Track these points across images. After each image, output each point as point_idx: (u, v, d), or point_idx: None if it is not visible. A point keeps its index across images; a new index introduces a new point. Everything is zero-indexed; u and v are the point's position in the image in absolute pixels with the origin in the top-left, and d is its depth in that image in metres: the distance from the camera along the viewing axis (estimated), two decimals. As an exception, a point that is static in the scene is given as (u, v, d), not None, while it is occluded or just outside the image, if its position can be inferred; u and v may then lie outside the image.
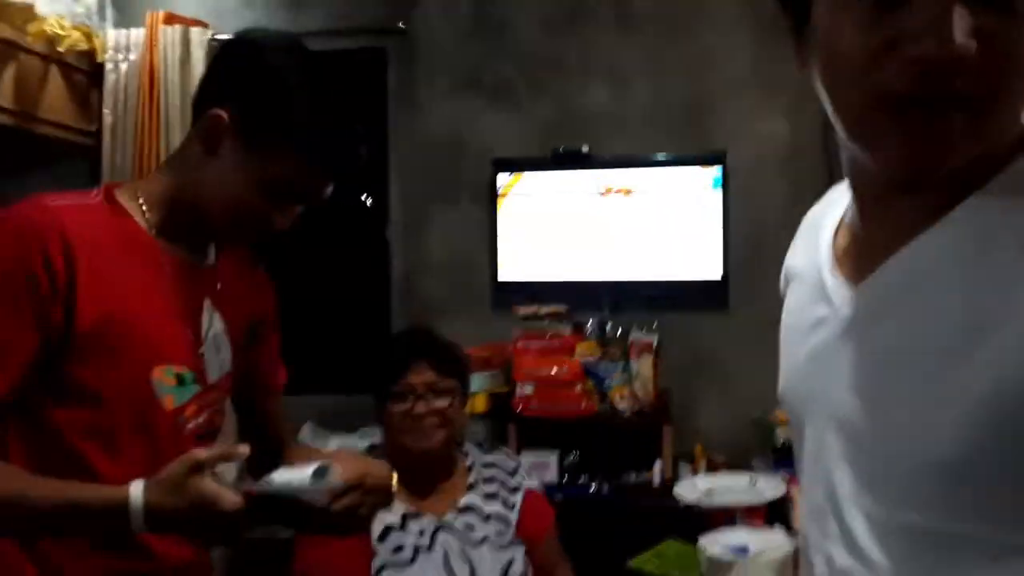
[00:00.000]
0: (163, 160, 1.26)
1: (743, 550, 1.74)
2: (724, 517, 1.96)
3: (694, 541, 1.83)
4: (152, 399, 1.07)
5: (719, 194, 2.74)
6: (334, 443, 2.64)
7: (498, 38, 2.99)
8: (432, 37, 3.02)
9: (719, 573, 1.73)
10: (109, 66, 2.97)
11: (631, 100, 2.90)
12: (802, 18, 0.63)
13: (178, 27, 2.97)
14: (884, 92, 0.56)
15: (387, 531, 1.60)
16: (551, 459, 2.52)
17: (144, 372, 1.07)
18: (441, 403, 1.66)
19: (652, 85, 2.91)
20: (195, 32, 2.98)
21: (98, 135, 3.00)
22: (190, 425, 1.12)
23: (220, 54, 1.20)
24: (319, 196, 1.13)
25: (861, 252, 0.67)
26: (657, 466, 2.53)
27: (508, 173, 2.86)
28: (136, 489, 0.96)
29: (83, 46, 2.84)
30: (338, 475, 1.08)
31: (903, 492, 0.60)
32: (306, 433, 2.74)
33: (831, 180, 0.77)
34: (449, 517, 1.64)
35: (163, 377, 1.08)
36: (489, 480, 1.72)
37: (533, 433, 2.54)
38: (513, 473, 1.76)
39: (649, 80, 2.91)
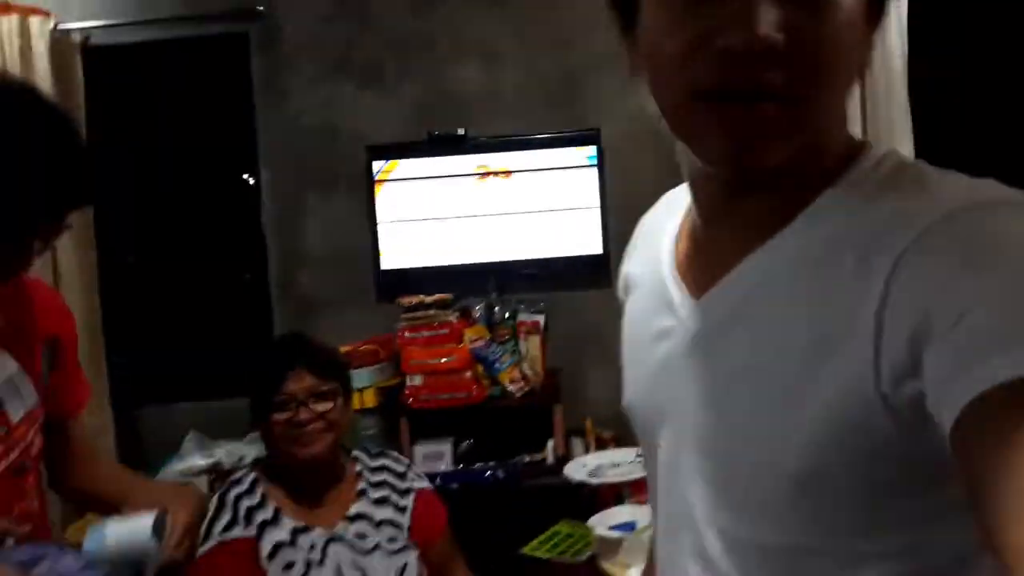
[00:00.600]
0: None
1: (631, 526, 1.78)
2: (613, 493, 2.00)
3: (587, 519, 1.87)
4: None
5: (595, 171, 2.76)
6: (221, 451, 2.55)
7: (364, 18, 2.90)
8: (295, 19, 2.90)
9: (610, 551, 1.77)
10: (-63, 57, 2.73)
11: (503, 79, 2.88)
12: (630, 20, 0.63)
13: (15, 16, 2.74)
14: (696, 87, 0.56)
15: (276, 549, 1.55)
16: (445, 448, 2.51)
17: None
18: (324, 407, 1.60)
19: (524, 63, 2.89)
20: (35, 21, 2.76)
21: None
22: (1, 466, 1.17)
23: None
24: (32, 240, 1.12)
25: (704, 259, 0.67)
26: (550, 445, 2.56)
27: (384, 160, 2.79)
28: None
29: (-96, 41, 2.59)
30: (174, 523, 1.18)
31: (755, 508, 0.61)
32: (191, 442, 2.64)
33: None
34: (339, 528, 1.60)
35: None
36: (378, 485, 1.69)
37: (425, 424, 2.52)
38: (403, 476, 1.73)
39: (520, 58, 2.89)
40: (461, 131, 2.79)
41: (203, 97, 3.06)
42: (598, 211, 2.75)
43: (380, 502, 1.67)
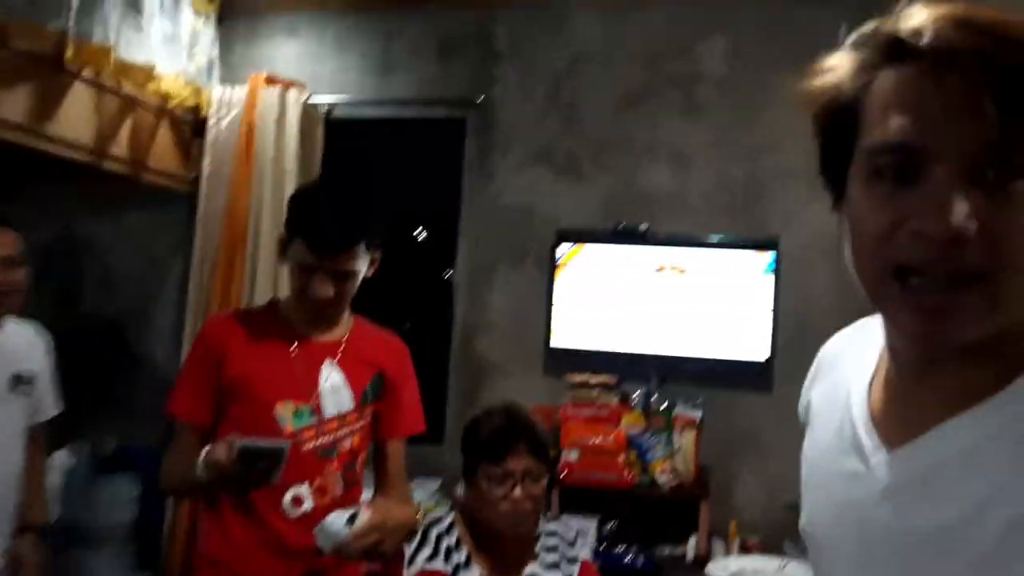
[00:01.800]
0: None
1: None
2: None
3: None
4: (275, 424, 1.64)
5: (771, 278, 2.83)
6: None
7: (569, 115, 3.16)
8: (508, 111, 3.21)
9: None
10: (212, 121, 3.25)
11: (691, 182, 3.03)
12: (840, 190, 0.68)
13: (277, 87, 3.22)
14: (893, 264, 0.60)
15: None
16: (591, 526, 2.61)
17: (268, 406, 1.65)
18: (536, 488, 1.72)
19: (712, 168, 3.03)
20: (292, 93, 3.23)
21: (196, 182, 3.27)
22: (308, 445, 1.65)
23: None
24: (330, 270, 1.63)
25: (900, 412, 0.67)
26: (692, 541, 2.60)
27: (570, 244, 3.01)
28: (199, 457, 1.54)
29: (191, 102, 3.13)
30: (364, 520, 1.50)
31: None
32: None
33: None
34: None
35: (283, 409, 1.66)
36: (551, 549, 1.81)
37: (575, 499, 2.64)
38: (572, 544, 1.84)
39: (709, 163, 3.04)
40: (644, 226, 2.96)
41: (422, 170, 3.42)
42: (769, 317, 2.81)
43: (551, 567, 1.79)
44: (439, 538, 1.76)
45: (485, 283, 3.20)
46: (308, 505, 1.61)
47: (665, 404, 2.79)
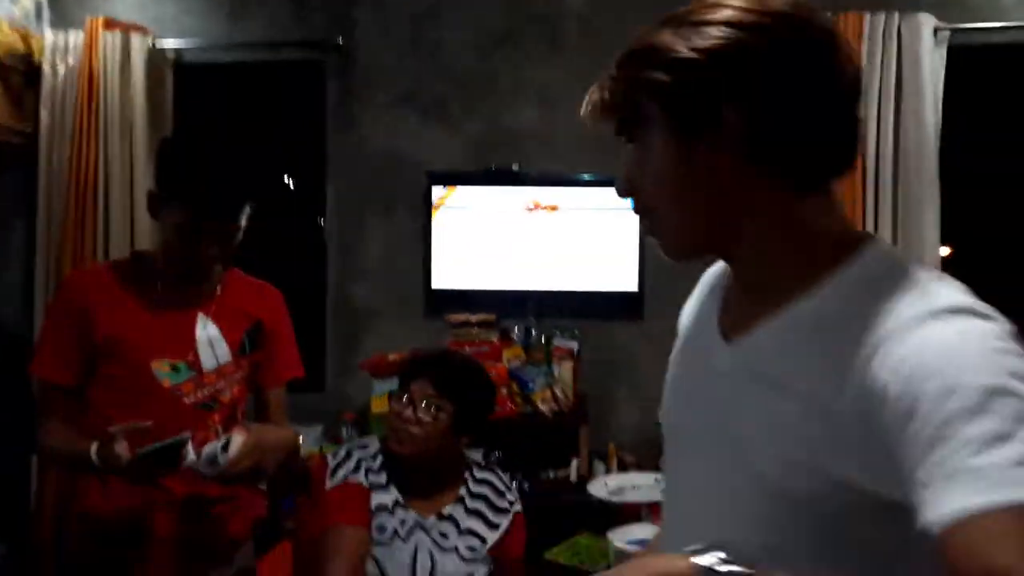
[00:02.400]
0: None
1: (646, 543, 1.95)
2: (632, 512, 2.16)
3: (604, 534, 2.04)
4: (154, 382, 1.61)
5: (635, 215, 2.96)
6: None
7: (433, 56, 3.14)
8: (370, 54, 3.15)
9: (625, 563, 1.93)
10: (46, 69, 3.01)
11: (559, 121, 3.09)
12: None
13: (118, 32, 3.01)
14: None
15: (379, 509, 1.76)
16: (476, 457, 2.68)
17: (144, 364, 1.61)
18: (426, 415, 1.78)
19: (578, 107, 3.09)
20: (135, 38, 3.03)
21: (33, 137, 3.03)
22: (188, 399, 1.63)
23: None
24: (216, 234, 1.57)
25: (735, 317, 0.86)
26: (574, 464, 2.74)
27: (442, 186, 3.02)
28: (92, 448, 1.48)
29: (20, 49, 2.87)
30: (238, 443, 1.51)
31: (744, 510, 0.78)
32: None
33: None
34: (429, 520, 1.80)
35: (160, 366, 1.62)
36: (477, 497, 1.87)
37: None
38: (502, 495, 1.90)
39: (576, 102, 3.09)
40: (515, 166, 3.01)
41: (283, 117, 3.31)
42: (636, 251, 2.94)
43: (472, 513, 1.84)
44: (361, 460, 1.81)
45: (357, 230, 3.17)
46: (191, 458, 1.54)
47: (543, 337, 2.89)
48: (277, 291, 1.83)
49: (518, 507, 1.91)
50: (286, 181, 3.44)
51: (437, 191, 3.03)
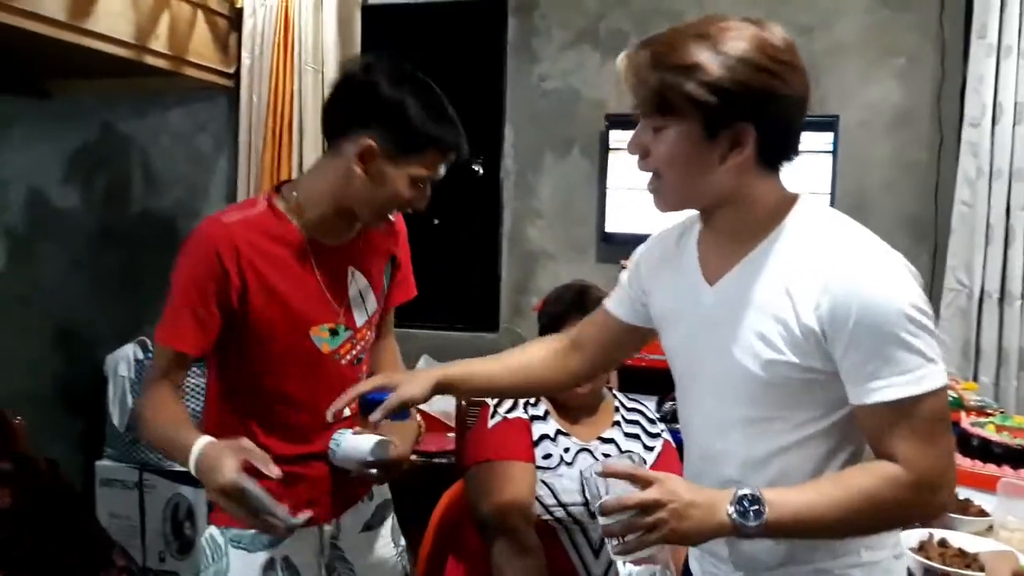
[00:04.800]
0: (312, 168, 1.60)
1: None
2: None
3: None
4: (313, 348, 1.52)
5: (829, 157, 2.78)
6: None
7: (617, -9, 3.04)
8: (552, -11, 3.09)
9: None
10: (248, 12, 3.16)
11: (746, 59, 2.93)
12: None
13: (312, -25, 3.11)
14: None
15: (542, 439, 1.83)
16: (650, 404, 2.66)
17: (304, 332, 1.50)
18: None
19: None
20: (327, -20, 3.12)
21: (236, 77, 3.21)
22: (344, 360, 1.56)
23: (341, 89, 1.48)
24: (441, 174, 1.50)
25: (713, 262, 1.17)
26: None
27: (622, 130, 2.95)
28: (197, 447, 1.32)
29: (225, -7, 3.04)
30: (391, 451, 1.51)
31: (743, 396, 1.12)
32: (423, 364, 2.97)
33: (941, 143, 1.10)
34: (593, 443, 1.85)
35: (319, 332, 1.52)
36: (632, 423, 1.93)
37: (633, 378, 2.68)
38: (654, 422, 1.96)
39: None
40: (700, 107, 2.88)
41: (462, 56, 3.32)
42: (827, 198, 2.77)
43: (630, 436, 1.89)
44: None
45: (533, 171, 3.16)
46: (346, 412, 1.46)
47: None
48: (399, 216, 1.67)
49: (668, 436, 1.94)
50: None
51: (615, 135, 2.97)
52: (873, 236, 1.08)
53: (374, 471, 1.51)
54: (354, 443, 1.51)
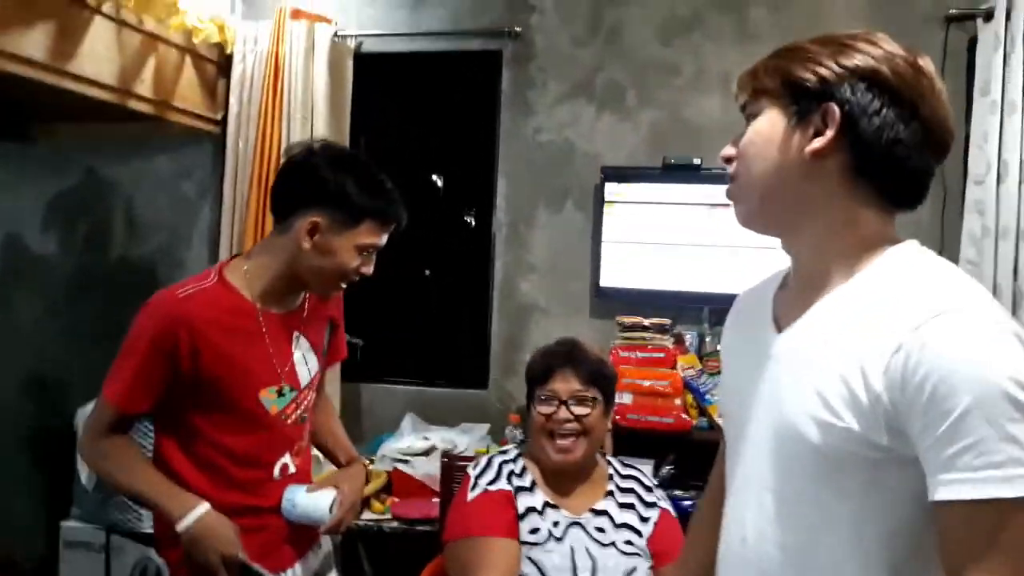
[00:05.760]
0: (261, 244, 1.78)
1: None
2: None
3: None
4: (262, 410, 1.61)
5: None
6: (435, 436, 2.72)
7: (612, 44, 3.00)
8: (547, 41, 3.05)
9: None
10: (237, 57, 3.11)
11: (744, 113, 2.88)
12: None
13: (304, 22, 3.07)
14: None
15: (528, 512, 1.71)
16: (646, 469, 2.54)
17: (254, 395, 1.59)
18: (581, 410, 1.73)
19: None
20: (320, 27, 3.08)
21: (223, 123, 3.14)
22: (290, 420, 1.65)
23: (286, 173, 1.64)
24: (384, 242, 1.64)
25: (786, 309, 1.00)
26: (751, 484, 2.53)
27: (617, 183, 2.87)
28: (189, 518, 1.50)
29: (216, 39, 2.98)
30: (338, 505, 1.65)
31: (785, 465, 0.93)
32: (408, 423, 2.84)
33: (945, 201, 1.10)
34: (584, 516, 1.73)
35: (267, 395, 1.61)
36: (626, 491, 1.80)
37: (629, 442, 2.57)
38: (650, 490, 1.83)
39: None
40: (697, 160, 2.82)
41: (455, 106, 3.27)
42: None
43: (625, 507, 1.76)
44: (502, 464, 1.78)
45: (526, 223, 3.08)
46: (292, 469, 1.67)
47: (719, 346, 2.69)
48: None
49: (665, 504, 1.82)
50: (438, 179, 3.39)
51: (610, 188, 2.89)
52: (985, 294, 0.86)
53: (327, 523, 1.64)
54: (311, 502, 1.63)
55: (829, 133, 0.91)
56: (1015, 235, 2.57)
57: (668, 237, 2.83)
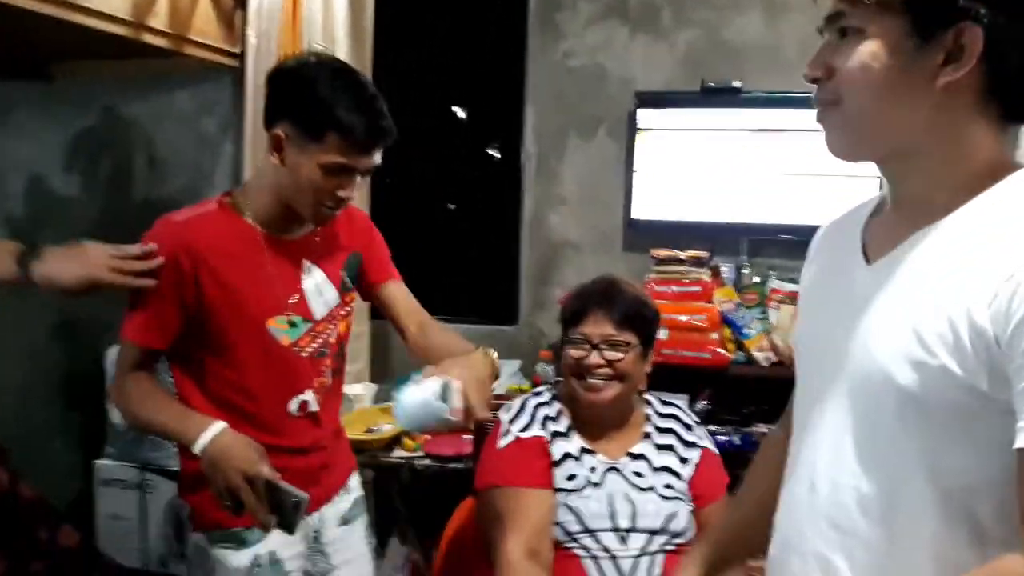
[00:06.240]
0: (258, 167, 1.71)
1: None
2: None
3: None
4: (273, 340, 1.52)
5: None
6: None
7: (646, -39, 2.84)
8: (577, -41, 2.89)
9: None
10: (254, -13, 2.98)
11: (787, 32, 2.72)
12: None
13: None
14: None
15: (565, 458, 1.65)
16: (681, 404, 2.47)
17: (260, 324, 1.51)
18: (614, 355, 1.65)
19: (811, 15, 2.69)
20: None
21: (241, 57, 3.04)
22: (305, 352, 1.56)
23: (268, 82, 1.50)
24: (367, 165, 1.47)
25: (879, 241, 0.91)
26: (791, 420, 2.46)
27: (652, 108, 2.74)
28: (204, 438, 1.39)
29: (230, -32, 2.86)
30: (457, 391, 1.29)
31: (869, 409, 0.86)
32: (435, 361, 2.79)
33: None
34: (622, 461, 1.67)
35: (276, 324, 1.52)
36: (664, 432, 1.72)
37: (664, 377, 2.48)
38: (690, 429, 1.75)
39: (807, 9, 2.70)
40: (737, 84, 2.67)
41: (480, 32, 3.13)
42: (876, 180, 2.55)
43: (663, 448, 1.70)
44: (537, 407, 1.70)
45: (556, 154, 2.97)
46: (314, 407, 1.58)
47: (759, 278, 2.59)
48: (362, 212, 1.77)
49: (707, 443, 1.74)
50: (458, 112, 3.27)
51: (644, 114, 2.76)
52: None
53: (447, 414, 1.29)
54: (415, 395, 1.29)
55: (970, 61, 0.78)
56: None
57: (705, 165, 2.71)
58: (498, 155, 3.12)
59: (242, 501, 1.37)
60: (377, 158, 1.48)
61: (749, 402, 2.54)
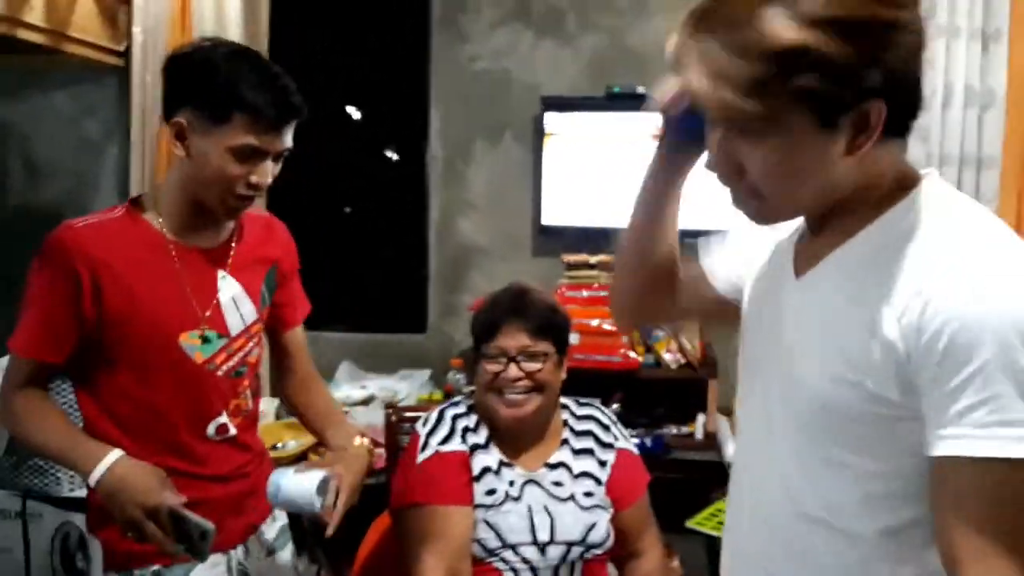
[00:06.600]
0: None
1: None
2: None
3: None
4: (185, 357, 1.41)
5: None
6: (373, 384, 2.60)
7: (549, -34, 2.83)
8: (480, -38, 2.87)
9: None
10: (139, -18, 2.82)
11: (688, 39, 2.77)
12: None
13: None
14: None
15: (484, 472, 1.61)
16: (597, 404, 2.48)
17: (171, 339, 1.40)
18: (532, 366, 1.61)
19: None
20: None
21: (127, 55, 2.88)
22: (221, 371, 1.45)
23: (163, 72, 1.39)
24: (278, 147, 1.37)
25: (805, 257, 0.93)
26: (700, 420, 2.50)
27: (557, 112, 2.74)
28: (100, 468, 1.30)
29: (113, -39, 2.70)
30: (333, 489, 1.37)
31: (792, 418, 0.90)
32: (343, 372, 2.71)
33: None
34: (539, 472, 1.64)
35: (188, 340, 1.41)
36: (582, 435, 1.70)
37: (576, 382, 2.49)
38: (607, 429, 1.73)
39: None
40: (642, 89, 2.70)
41: (381, 33, 3.07)
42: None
43: (581, 453, 1.67)
44: (455, 419, 1.66)
45: (462, 157, 2.93)
46: (232, 431, 1.48)
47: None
48: (282, 223, 1.63)
49: (623, 443, 1.72)
50: (350, 110, 3.20)
51: (551, 118, 2.76)
52: (1013, 236, 0.80)
53: (320, 509, 1.36)
54: (295, 484, 1.36)
55: (877, 127, 0.78)
56: (958, 161, 2.55)
57: (612, 170, 2.73)
58: (396, 157, 3.05)
59: (145, 534, 1.28)
60: (288, 139, 1.38)
61: (659, 404, 2.58)
